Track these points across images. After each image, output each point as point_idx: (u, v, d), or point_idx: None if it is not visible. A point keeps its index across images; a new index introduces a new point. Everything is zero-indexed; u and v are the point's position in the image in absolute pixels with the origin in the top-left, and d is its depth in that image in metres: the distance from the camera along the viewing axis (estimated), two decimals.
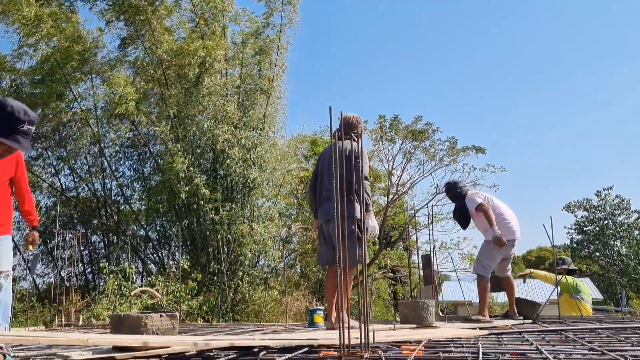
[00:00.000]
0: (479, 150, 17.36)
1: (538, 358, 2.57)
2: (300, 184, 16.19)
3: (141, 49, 12.97)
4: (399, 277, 20.44)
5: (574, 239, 38.53)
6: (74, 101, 13.05)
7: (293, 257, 17.45)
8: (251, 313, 11.76)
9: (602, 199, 37.05)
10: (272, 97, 13.12)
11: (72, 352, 2.84)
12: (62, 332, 5.16)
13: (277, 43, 13.23)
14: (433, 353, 2.87)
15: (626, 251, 33.67)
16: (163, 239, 13.91)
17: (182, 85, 12.47)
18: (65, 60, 12.33)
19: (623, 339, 3.49)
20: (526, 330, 4.27)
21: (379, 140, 17.75)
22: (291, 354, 2.84)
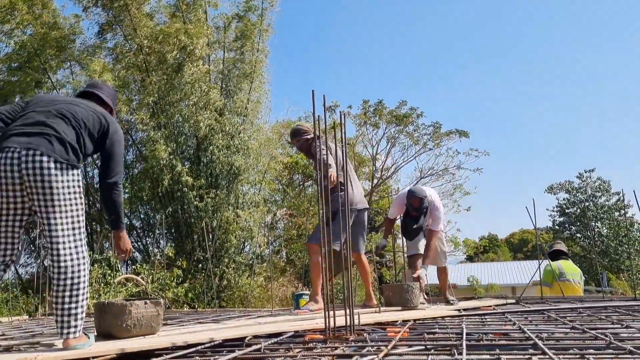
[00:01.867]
0: (462, 134, 17.49)
1: (521, 337, 2.61)
2: (284, 170, 16.17)
3: (120, 35, 12.76)
4: (384, 261, 20.60)
5: (555, 221, 39.02)
6: (52, 89, 12.82)
7: (278, 243, 17.48)
8: (237, 299, 11.77)
9: (584, 181, 37.51)
10: (255, 82, 13.01)
11: (55, 341, 2.83)
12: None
13: (259, 27, 13.10)
14: (418, 334, 2.90)
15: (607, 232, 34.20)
16: (147, 227, 13.82)
17: (164, 71, 12.30)
18: (42, 48, 12.09)
19: (604, 318, 3.55)
20: (509, 311, 4.33)
21: (363, 126, 17.78)
22: (277, 338, 2.86)
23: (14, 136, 2.64)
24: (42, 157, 2.58)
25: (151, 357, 2.35)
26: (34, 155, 2.58)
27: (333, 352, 2.38)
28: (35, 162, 2.57)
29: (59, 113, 2.80)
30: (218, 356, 2.31)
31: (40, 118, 2.75)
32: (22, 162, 2.56)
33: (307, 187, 18.75)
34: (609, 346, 2.24)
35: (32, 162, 2.57)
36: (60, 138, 2.70)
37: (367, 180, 19.06)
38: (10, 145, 2.59)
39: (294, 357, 2.24)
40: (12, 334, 3.80)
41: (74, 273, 2.64)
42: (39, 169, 2.57)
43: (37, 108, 2.80)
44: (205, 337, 2.74)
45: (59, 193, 2.63)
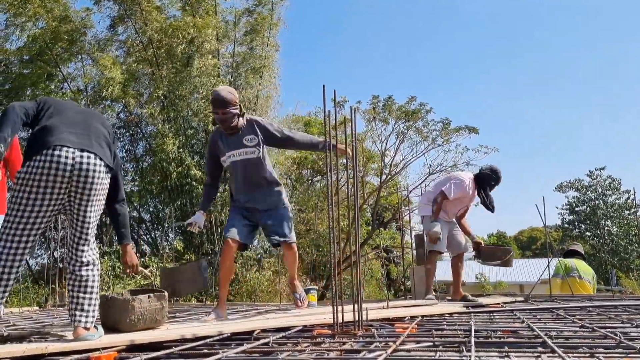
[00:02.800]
0: (472, 131, 17.39)
1: (529, 335, 2.60)
2: (293, 165, 16.17)
3: (132, 29, 12.81)
4: (391, 257, 20.58)
5: (565, 219, 38.79)
6: (63, 82, 12.89)
7: None
8: (245, 293, 11.82)
9: (594, 179, 37.25)
10: (265, 76, 13.01)
11: (66, 332, 2.85)
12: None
13: (269, 21, 13.10)
14: (426, 330, 2.90)
15: (616, 231, 33.97)
16: (156, 220, 13.90)
17: (173, 65, 12.33)
18: (54, 41, 12.15)
19: (613, 317, 3.53)
20: (518, 309, 4.31)
21: (372, 121, 17.72)
22: (285, 332, 2.86)
23: (64, 134, 2.70)
24: (95, 160, 2.70)
25: (160, 349, 2.36)
26: (88, 157, 2.68)
27: (341, 347, 2.39)
28: (89, 165, 2.67)
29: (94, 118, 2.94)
30: (226, 349, 2.32)
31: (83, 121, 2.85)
32: (76, 163, 2.64)
33: (316, 182, 18.76)
34: (619, 345, 2.22)
35: (86, 163, 2.67)
36: (107, 142, 2.85)
37: (376, 176, 19.03)
38: (64, 144, 2.65)
39: (301, 352, 2.25)
40: (22, 325, 3.85)
41: (95, 265, 2.79)
42: (91, 171, 2.68)
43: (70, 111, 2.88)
44: (214, 330, 2.76)
45: (98, 194, 2.77)
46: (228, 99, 3.88)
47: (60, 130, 2.71)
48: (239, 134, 4.00)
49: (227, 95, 3.90)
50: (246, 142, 3.98)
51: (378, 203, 18.50)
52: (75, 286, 2.74)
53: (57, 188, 2.65)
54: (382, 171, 18.24)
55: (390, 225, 20.07)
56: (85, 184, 2.68)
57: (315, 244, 16.53)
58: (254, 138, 3.98)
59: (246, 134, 3.98)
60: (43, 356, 2.23)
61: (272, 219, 4.03)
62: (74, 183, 2.66)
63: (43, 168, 2.59)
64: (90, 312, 2.71)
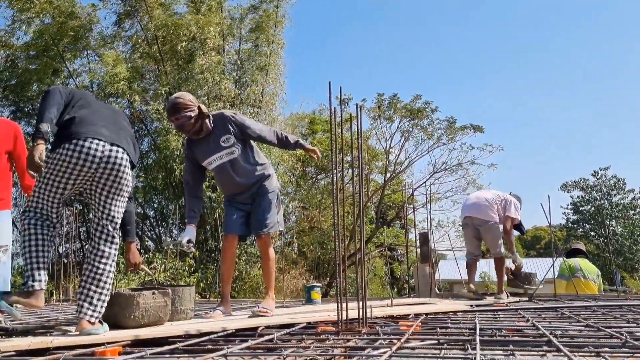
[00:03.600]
0: (477, 129, 17.31)
1: (534, 334, 2.59)
2: (297, 162, 16.16)
3: (137, 25, 12.82)
4: (395, 255, 20.55)
5: (569, 218, 38.67)
6: (69, 77, 12.91)
7: (290, 235, 17.51)
8: (248, 290, 11.84)
9: (599, 178, 37.13)
10: (270, 74, 13.00)
11: (71, 327, 2.86)
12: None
13: (274, 18, 13.08)
14: (430, 328, 2.89)
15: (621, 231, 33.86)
16: (160, 217, 13.92)
17: (177, 62, 12.34)
18: (59, 36, 12.17)
19: (619, 317, 3.52)
20: (522, 308, 4.30)
21: (377, 119, 17.68)
22: (289, 329, 2.86)
23: (97, 127, 2.79)
24: (123, 155, 2.81)
25: (164, 345, 2.37)
26: (117, 151, 2.78)
27: (345, 344, 2.38)
28: (116, 158, 2.77)
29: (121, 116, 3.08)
30: (231, 345, 2.32)
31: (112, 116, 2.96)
32: (104, 156, 2.74)
33: (320, 179, 18.75)
34: (624, 345, 2.21)
35: (114, 157, 2.76)
36: (132, 140, 2.97)
37: (380, 174, 18.99)
38: (97, 136, 2.75)
39: (306, 348, 2.25)
40: (27, 319, 3.86)
41: (113, 260, 2.87)
42: (118, 165, 2.78)
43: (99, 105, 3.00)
44: (218, 327, 2.76)
45: (124, 189, 2.88)
46: (178, 104, 3.74)
47: (93, 122, 2.80)
48: (211, 137, 3.86)
49: (177, 100, 3.77)
50: (223, 144, 3.85)
51: (382, 201, 18.47)
52: (89, 277, 2.78)
53: (82, 177, 2.76)
54: (386, 169, 18.20)
55: (394, 223, 20.05)
56: (114, 177, 2.80)
57: (319, 242, 16.53)
58: (229, 137, 3.85)
59: (221, 135, 3.85)
60: (48, 350, 2.23)
61: (254, 210, 3.96)
62: (100, 174, 2.77)
63: (72, 157, 2.69)
64: (98, 307, 2.73)
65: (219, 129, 3.86)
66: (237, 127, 3.88)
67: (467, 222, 5.68)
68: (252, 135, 3.93)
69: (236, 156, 3.87)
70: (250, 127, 3.94)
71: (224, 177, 3.95)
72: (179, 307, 3.45)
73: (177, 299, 3.43)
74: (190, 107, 3.77)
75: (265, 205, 3.93)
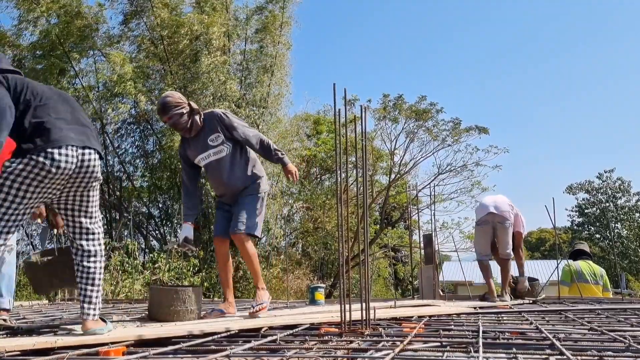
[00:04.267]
0: (482, 131, 17.31)
1: (538, 337, 2.59)
2: (302, 163, 16.18)
3: (143, 25, 12.86)
4: (399, 256, 20.54)
5: (574, 221, 38.57)
6: (75, 77, 12.97)
7: (295, 236, 17.52)
8: (252, 290, 11.84)
9: (604, 181, 37.00)
10: (276, 75, 13.01)
11: (75, 326, 2.88)
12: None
13: (281, 19, 13.09)
14: (433, 330, 2.89)
15: (627, 234, 33.73)
16: (165, 216, 13.96)
17: (182, 62, 12.37)
18: (65, 36, 12.23)
19: (622, 320, 3.50)
20: (526, 310, 4.29)
21: (382, 120, 17.69)
22: (293, 330, 2.87)
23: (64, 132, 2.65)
24: (95, 156, 2.75)
25: (168, 345, 2.38)
26: (89, 154, 2.71)
27: (348, 345, 2.39)
28: (90, 161, 2.71)
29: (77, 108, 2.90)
30: (234, 346, 2.33)
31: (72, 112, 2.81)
32: (78, 161, 2.65)
33: (325, 180, 18.76)
34: (628, 349, 2.21)
35: (87, 160, 2.69)
36: (96, 132, 2.89)
37: (385, 175, 19.00)
38: (68, 142, 2.62)
39: (309, 350, 2.25)
40: (32, 318, 3.88)
41: (101, 256, 2.87)
42: (92, 167, 2.72)
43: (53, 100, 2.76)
44: (222, 327, 2.77)
45: (96, 186, 2.84)
46: (168, 102, 3.75)
47: (59, 126, 2.64)
48: (201, 135, 3.84)
49: (167, 99, 3.78)
50: (211, 142, 3.82)
51: (387, 202, 18.47)
52: (83, 278, 2.77)
53: (55, 185, 2.63)
54: (391, 170, 18.21)
55: (398, 224, 20.04)
56: (89, 180, 2.73)
57: (323, 242, 16.54)
58: (218, 136, 3.82)
59: (210, 133, 3.82)
60: (52, 349, 2.25)
61: (234, 209, 3.87)
62: (74, 179, 2.67)
63: (43, 168, 2.53)
64: (98, 304, 2.74)
65: (208, 127, 3.83)
66: (225, 127, 3.83)
67: (488, 220, 5.69)
68: (238, 138, 3.86)
69: (224, 155, 3.83)
70: (238, 129, 3.86)
71: (212, 176, 3.94)
72: (190, 307, 3.55)
73: (187, 299, 3.54)
74: (180, 104, 3.76)
75: (245, 205, 3.83)
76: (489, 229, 5.71)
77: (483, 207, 5.82)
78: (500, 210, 5.65)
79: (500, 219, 5.64)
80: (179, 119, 3.76)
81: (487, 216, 5.68)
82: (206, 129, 3.84)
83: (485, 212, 5.71)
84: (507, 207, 5.72)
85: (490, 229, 5.71)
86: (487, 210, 5.69)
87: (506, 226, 5.64)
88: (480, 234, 5.79)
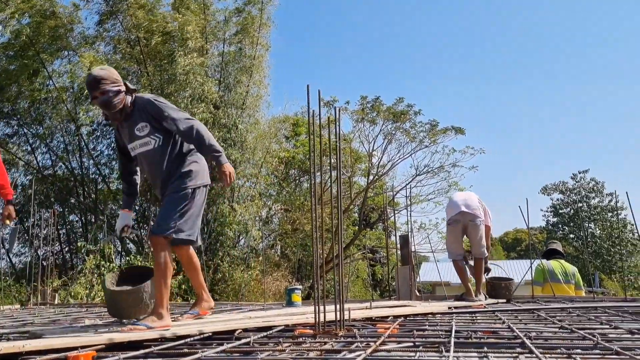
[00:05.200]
0: (458, 131, 17.47)
1: (509, 336, 2.62)
2: (280, 165, 16.15)
3: (119, 26, 12.72)
4: (377, 257, 20.62)
5: (549, 221, 39.20)
6: (48, 78, 12.77)
7: (273, 238, 17.48)
8: (231, 292, 11.79)
9: (578, 181, 37.70)
10: (255, 76, 12.98)
11: (46, 331, 2.83)
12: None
13: (260, 21, 13.07)
14: (407, 331, 2.91)
15: (599, 233, 34.39)
16: (142, 219, 13.81)
17: (158, 63, 12.27)
18: (37, 37, 12.03)
19: (593, 318, 3.57)
20: (499, 310, 4.34)
21: (360, 122, 17.75)
22: (267, 332, 2.86)
23: None
24: None
25: (139, 349, 2.35)
26: None
27: (322, 347, 2.39)
28: None
29: None
30: (207, 349, 2.31)
31: None
32: None
33: (303, 182, 18.75)
34: (596, 346, 2.25)
35: None
36: None
37: (363, 177, 19.06)
38: None
39: (282, 352, 2.24)
40: (3, 323, 3.80)
41: None
42: None
43: None
44: (195, 330, 2.74)
45: None
46: (102, 76, 3.24)
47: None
48: (130, 122, 3.34)
49: (101, 72, 3.28)
50: (138, 133, 3.32)
51: (365, 204, 18.54)
52: None
53: None
54: (369, 172, 18.27)
55: (376, 226, 20.12)
56: None
57: (302, 244, 16.52)
58: (145, 126, 3.31)
59: (138, 121, 3.32)
60: (20, 355, 2.20)
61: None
62: None
63: None
64: None
65: (137, 114, 3.33)
66: (153, 116, 3.31)
67: (459, 219, 5.69)
68: (168, 128, 3.32)
69: (150, 149, 3.33)
70: (169, 116, 3.30)
71: (141, 170, 3.54)
72: (148, 301, 3.40)
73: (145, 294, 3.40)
74: (117, 81, 3.27)
75: (164, 204, 3.33)
76: (459, 228, 5.74)
77: (454, 205, 5.82)
78: (472, 209, 5.67)
79: (471, 217, 5.66)
80: (112, 98, 3.23)
81: (458, 215, 5.71)
82: (135, 116, 3.33)
83: (456, 210, 5.72)
84: (477, 203, 5.73)
85: (460, 228, 5.73)
86: (458, 210, 5.71)
87: (477, 224, 5.66)
88: (452, 234, 5.79)
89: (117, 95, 3.25)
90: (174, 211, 3.24)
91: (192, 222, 3.33)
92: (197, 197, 3.35)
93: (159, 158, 3.34)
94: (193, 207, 3.32)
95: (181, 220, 3.24)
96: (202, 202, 3.41)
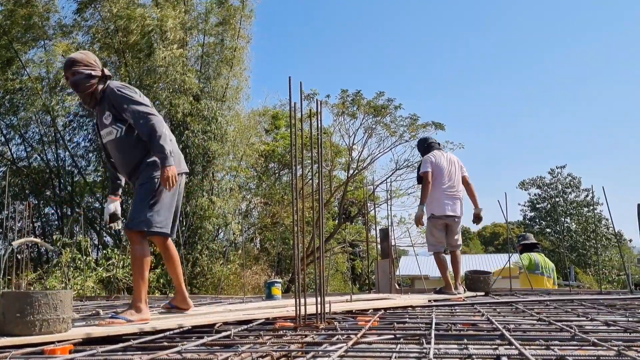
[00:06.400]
0: (438, 127, 17.58)
1: (489, 328, 2.64)
2: (260, 158, 16.08)
3: (98, 15, 12.47)
4: (357, 251, 20.69)
5: (527, 215, 39.77)
6: (22, 68, 12.49)
7: (253, 231, 17.42)
8: (210, 286, 11.72)
9: (555, 177, 38.28)
10: (235, 68, 12.86)
11: None
12: None
13: (241, 12, 12.94)
14: (388, 323, 2.91)
15: (575, 228, 35.00)
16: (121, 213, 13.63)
17: (137, 54, 12.08)
18: (10, 25, 11.74)
19: (570, 310, 3.63)
20: (478, 302, 4.39)
21: (341, 115, 17.75)
22: (247, 325, 2.84)
23: None
24: None
25: (118, 342, 2.32)
26: None
27: (302, 339, 2.38)
28: None
29: None
30: (187, 342, 2.29)
31: None
32: None
33: (283, 175, 18.71)
34: (573, 338, 2.28)
35: None
36: None
37: (343, 171, 19.08)
38: None
39: (262, 344, 2.23)
40: None
41: None
42: None
43: None
44: (174, 324, 2.72)
45: None
46: (75, 57, 3.26)
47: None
48: (99, 108, 3.31)
49: (76, 55, 3.31)
50: (105, 121, 3.27)
51: (345, 197, 18.57)
52: None
53: None
54: (349, 166, 18.30)
55: (356, 220, 20.17)
56: None
57: (282, 237, 16.50)
58: (108, 115, 3.24)
59: (105, 109, 3.27)
60: None
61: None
62: None
63: None
64: None
65: (105, 102, 3.27)
66: (114, 105, 3.23)
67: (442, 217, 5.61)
68: (127, 118, 3.21)
69: (113, 138, 3.26)
70: (127, 108, 3.19)
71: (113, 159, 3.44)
72: (61, 315, 2.46)
73: (59, 304, 2.46)
74: (93, 65, 3.26)
75: (136, 197, 3.26)
76: (443, 223, 5.70)
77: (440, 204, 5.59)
78: (458, 212, 5.64)
79: (457, 219, 5.68)
80: (83, 80, 3.20)
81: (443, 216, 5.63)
82: (103, 104, 3.28)
83: (442, 212, 5.60)
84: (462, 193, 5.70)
85: (443, 223, 5.69)
86: (443, 212, 5.60)
87: (458, 222, 5.70)
88: (434, 227, 5.67)
89: (88, 79, 3.23)
90: (143, 203, 3.17)
91: (165, 213, 3.25)
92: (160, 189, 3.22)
93: (122, 148, 3.27)
94: (163, 197, 3.23)
95: (151, 212, 3.17)
96: (174, 190, 3.25)
